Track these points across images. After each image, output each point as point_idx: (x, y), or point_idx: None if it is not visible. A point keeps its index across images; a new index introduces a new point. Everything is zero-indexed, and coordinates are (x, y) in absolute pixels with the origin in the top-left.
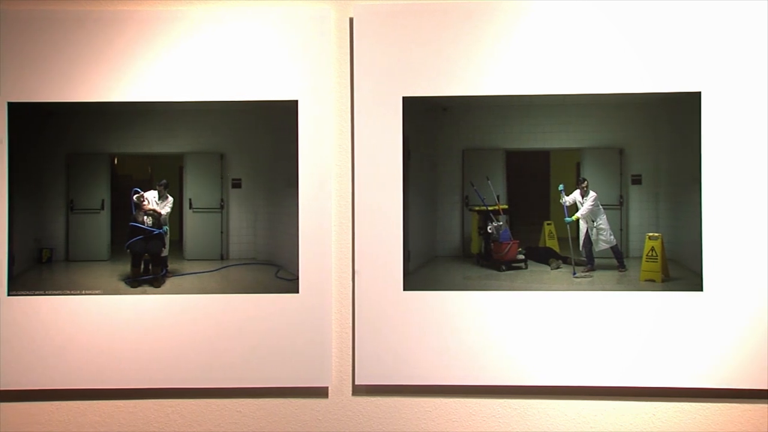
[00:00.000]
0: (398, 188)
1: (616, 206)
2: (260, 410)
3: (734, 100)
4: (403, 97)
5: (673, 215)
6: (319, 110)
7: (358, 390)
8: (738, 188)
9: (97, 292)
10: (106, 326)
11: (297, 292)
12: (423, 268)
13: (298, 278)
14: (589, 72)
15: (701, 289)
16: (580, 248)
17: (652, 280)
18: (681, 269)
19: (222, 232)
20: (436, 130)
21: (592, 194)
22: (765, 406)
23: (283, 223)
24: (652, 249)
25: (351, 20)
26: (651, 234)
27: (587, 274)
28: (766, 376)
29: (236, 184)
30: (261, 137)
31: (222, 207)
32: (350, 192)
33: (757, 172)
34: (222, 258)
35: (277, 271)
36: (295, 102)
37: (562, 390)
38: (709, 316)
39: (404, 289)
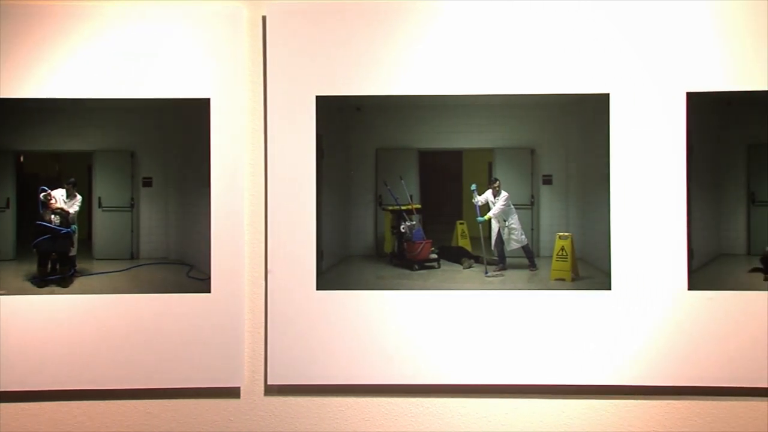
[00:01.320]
0: (311, 188)
1: (527, 206)
2: (170, 411)
3: (642, 102)
4: (317, 96)
5: (583, 215)
6: (232, 109)
7: (271, 390)
8: (645, 189)
9: (1, 292)
10: (10, 327)
11: (209, 291)
12: (336, 268)
13: (209, 278)
14: (501, 73)
15: (609, 288)
16: (492, 247)
17: (562, 279)
18: (590, 268)
19: (132, 231)
20: (349, 129)
21: (504, 194)
22: (672, 402)
23: (195, 222)
24: (563, 248)
25: (264, 18)
26: (561, 234)
27: (499, 273)
28: (671, 373)
29: (147, 183)
30: (173, 136)
31: (132, 206)
32: (263, 191)
33: (664, 172)
34: (132, 257)
35: (188, 270)
36: (207, 100)
37: (475, 388)
38: (617, 314)
39: (317, 289)
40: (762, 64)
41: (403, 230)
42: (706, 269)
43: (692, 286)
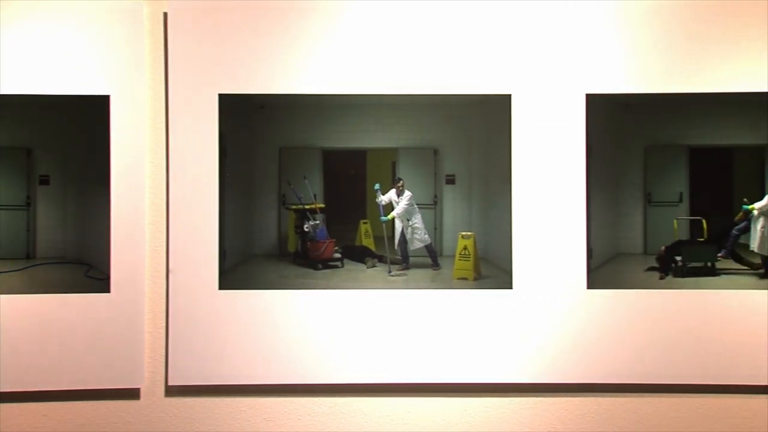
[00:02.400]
0: (214, 186)
1: (430, 206)
2: (68, 413)
3: (543, 103)
4: (220, 94)
5: (486, 215)
6: (133, 106)
7: (172, 391)
8: (546, 189)
9: None
10: None
11: (108, 291)
12: (239, 267)
13: (109, 277)
14: (405, 73)
15: (511, 287)
16: (396, 247)
17: (465, 279)
18: (492, 267)
19: (28, 231)
20: (253, 128)
21: (407, 193)
22: (571, 399)
23: (94, 221)
24: (465, 248)
25: (165, 15)
26: (464, 233)
27: (402, 272)
28: (570, 370)
29: (44, 181)
30: (71, 133)
31: (29, 204)
32: (164, 190)
33: (565, 173)
34: (28, 257)
35: (87, 270)
36: (107, 97)
37: (377, 387)
38: (518, 313)
39: (220, 288)
40: (660, 66)
41: (306, 229)
42: (605, 268)
43: (591, 285)
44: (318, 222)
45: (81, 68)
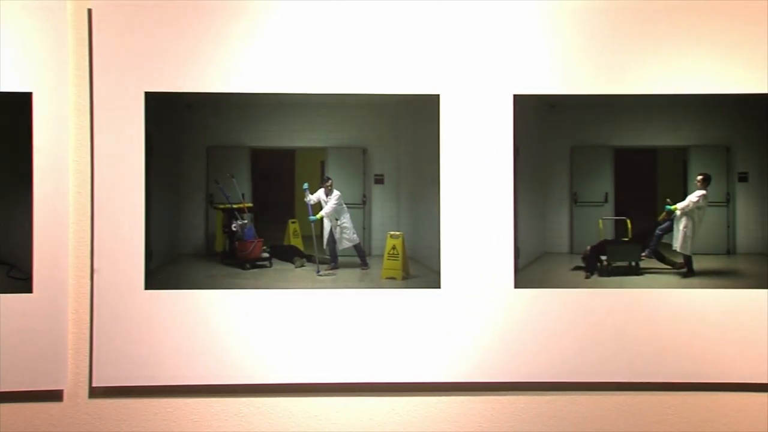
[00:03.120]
0: (140, 185)
1: (359, 205)
2: None
3: (471, 103)
4: (146, 92)
5: (414, 214)
6: (56, 103)
7: (96, 392)
8: (474, 189)
9: None
10: None
11: (30, 291)
12: (166, 267)
13: (31, 277)
14: (334, 72)
15: (439, 287)
16: (324, 246)
17: (393, 278)
18: (421, 267)
19: None
20: (180, 126)
21: (336, 193)
22: (498, 398)
23: (16, 221)
24: (394, 247)
25: (90, 11)
26: (392, 233)
27: (331, 272)
28: (498, 369)
29: None
30: None
31: None
32: (89, 189)
33: (492, 173)
34: None
35: (9, 270)
36: (29, 94)
37: (305, 387)
38: (446, 312)
39: (146, 288)
40: (586, 68)
41: (234, 229)
42: (532, 268)
43: (518, 284)
44: (246, 221)
45: (1, 65)
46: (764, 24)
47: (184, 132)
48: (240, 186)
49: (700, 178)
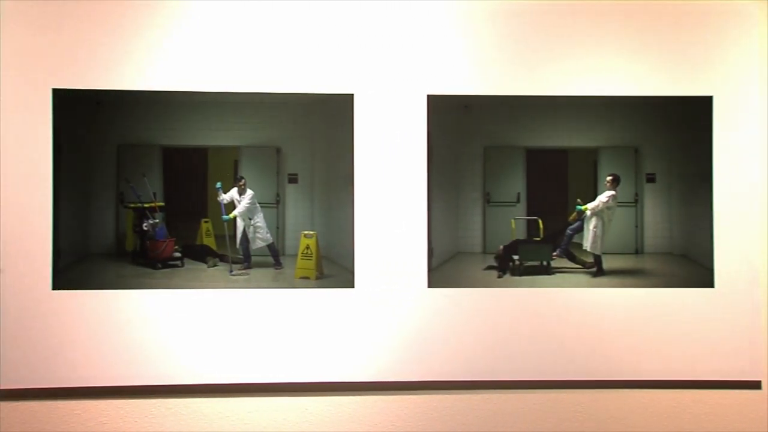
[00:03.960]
0: (47, 183)
1: (273, 205)
2: None
3: (385, 103)
4: (53, 89)
5: (328, 214)
6: None
7: (2, 395)
8: (388, 189)
9: None
10: None
11: None
12: (74, 266)
13: None
14: (248, 71)
15: (353, 286)
16: (237, 246)
17: (307, 278)
18: (335, 266)
19: None
20: (90, 124)
21: (249, 192)
22: (411, 397)
23: None
24: (308, 247)
25: None
26: (306, 232)
27: (244, 271)
28: (412, 368)
29: None
30: None
31: None
32: None
33: (406, 173)
34: None
35: None
36: None
37: (216, 388)
38: (360, 312)
39: (53, 288)
40: (499, 69)
41: (145, 228)
42: (445, 267)
43: (431, 283)
44: (157, 221)
45: None
46: (672, 28)
47: (93, 130)
48: (151, 185)
49: (609, 178)
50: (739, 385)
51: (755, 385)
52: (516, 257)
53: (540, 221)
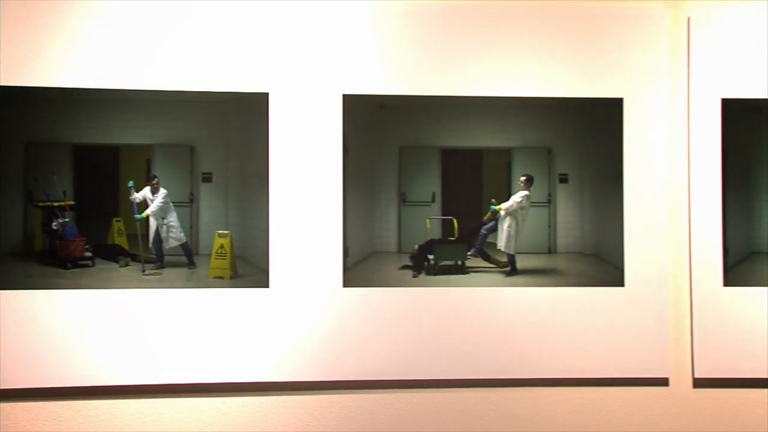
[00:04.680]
0: None
1: (186, 204)
2: None
3: (300, 102)
4: None
5: (242, 213)
6: None
7: None
8: (303, 188)
9: None
10: None
11: None
12: None
13: None
14: (160, 69)
15: (268, 286)
16: (150, 245)
17: (221, 277)
18: (249, 266)
19: None
20: None
21: (162, 191)
22: (327, 396)
23: None
24: (222, 246)
25: None
26: (220, 232)
27: (157, 271)
28: (327, 368)
29: None
30: None
31: None
32: None
33: (322, 173)
34: None
35: None
36: None
37: (128, 389)
38: (274, 311)
39: None
40: (414, 69)
41: (55, 227)
42: (360, 266)
43: (347, 283)
44: (67, 220)
45: None
46: (584, 30)
47: (1, 128)
48: (61, 183)
49: (523, 179)
50: (646, 383)
51: (663, 382)
52: (431, 257)
53: (455, 221)
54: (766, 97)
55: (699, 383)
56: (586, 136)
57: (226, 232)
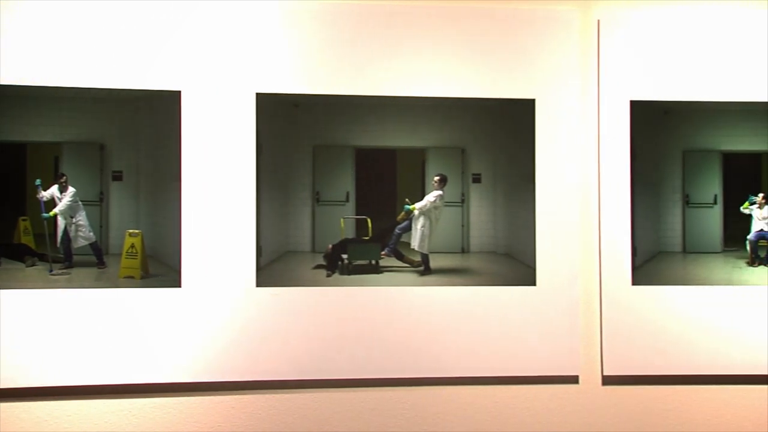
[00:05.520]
0: None
1: (96, 202)
2: None
3: (213, 101)
4: None
5: (154, 212)
6: None
7: None
8: (216, 187)
9: None
10: None
11: None
12: None
13: None
14: (69, 65)
15: (179, 286)
16: (58, 245)
17: (132, 277)
18: (161, 266)
19: None
20: None
21: (71, 190)
22: (239, 397)
23: None
24: (132, 246)
25: None
26: (131, 231)
27: (65, 271)
28: (238, 368)
29: None
30: None
31: None
32: None
33: (235, 171)
34: None
35: None
36: None
37: (36, 391)
38: (186, 311)
39: None
40: (326, 68)
41: None
42: (274, 266)
43: (260, 282)
44: None
45: None
46: (497, 31)
47: None
48: None
49: (437, 178)
50: (557, 380)
51: (573, 379)
52: (345, 256)
53: (369, 220)
54: (672, 99)
55: (608, 380)
56: (500, 136)
57: (137, 231)
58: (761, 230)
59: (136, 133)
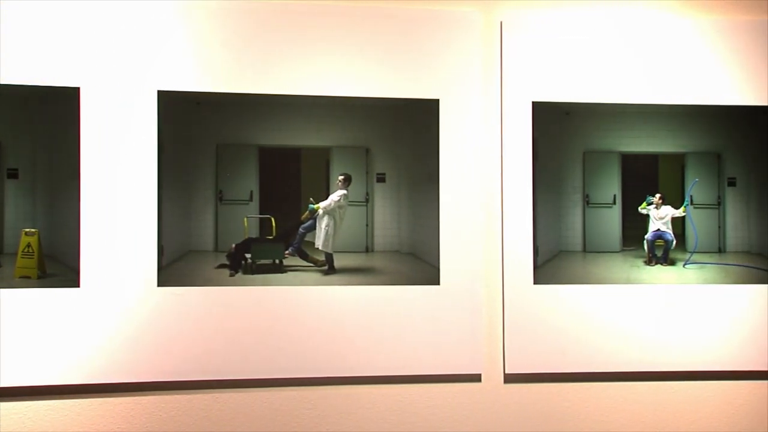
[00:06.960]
0: None
1: None
2: None
3: (114, 98)
4: None
5: (52, 211)
6: None
7: None
8: (116, 185)
9: None
10: None
11: None
12: None
13: None
14: None
15: (78, 285)
16: None
17: (28, 277)
18: (59, 265)
19: None
20: None
21: None
22: (139, 398)
23: None
24: (29, 245)
25: None
26: (27, 230)
27: None
28: (139, 370)
29: None
30: None
31: None
32: None
33: (136, 170)
34: None
35: None
36: None
37: None
38: (84, 311)
39: None
40: (227, 66)
41: None
42: (176, 265)
43: (161, 282)
44: None
45: None
46: (402, 32)
47: None
48: None
49: (341, 178)
50: (460, 379)
51: (476, 378)
52: (248, 255)
53: (273, 220)
54: (573, 100)
55: (509, 378)
56: (404, 136)
57: (33, 230)
58: (658, 230)
59: (34, 130)
